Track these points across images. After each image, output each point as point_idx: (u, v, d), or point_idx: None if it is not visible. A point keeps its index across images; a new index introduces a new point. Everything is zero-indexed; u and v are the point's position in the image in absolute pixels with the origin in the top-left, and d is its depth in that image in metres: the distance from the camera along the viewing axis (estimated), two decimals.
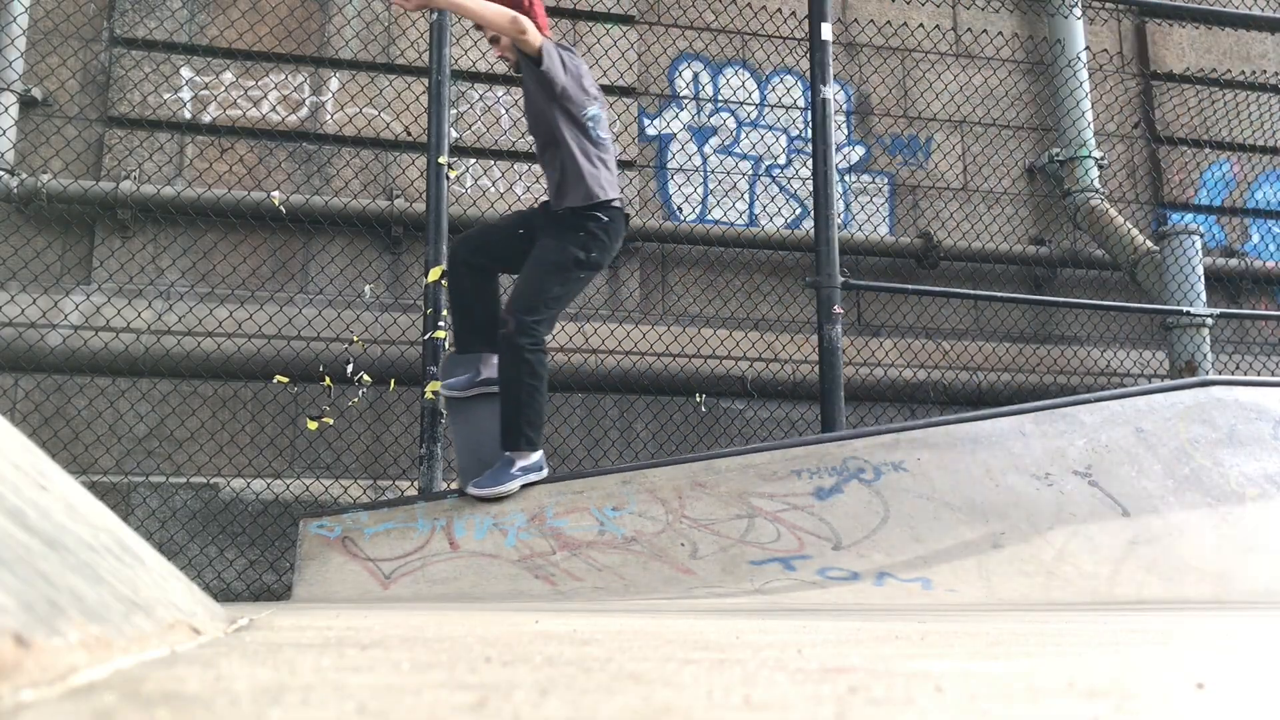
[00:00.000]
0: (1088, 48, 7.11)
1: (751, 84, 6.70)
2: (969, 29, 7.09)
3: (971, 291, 6.23)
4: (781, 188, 6.63)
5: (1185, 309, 6.09)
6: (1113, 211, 6.77)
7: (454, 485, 4.81)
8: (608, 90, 6.32)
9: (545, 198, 4.30)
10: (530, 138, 6.21)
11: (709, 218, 6.46)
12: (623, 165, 6.31)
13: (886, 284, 6.03)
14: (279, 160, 5.83)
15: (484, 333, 4.19)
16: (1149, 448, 4.83)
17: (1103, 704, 0.99)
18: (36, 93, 5.55)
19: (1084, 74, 6.98)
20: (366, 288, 5.83)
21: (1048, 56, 7.11)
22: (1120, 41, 7.42)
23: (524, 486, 4.25)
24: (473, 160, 6.08)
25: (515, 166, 6.14)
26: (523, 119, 6.20)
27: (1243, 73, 7.48)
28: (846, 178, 6.69)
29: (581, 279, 4.11)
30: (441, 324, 4.64)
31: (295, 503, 5.11)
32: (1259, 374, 6.69)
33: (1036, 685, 1.13)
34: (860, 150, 6.79)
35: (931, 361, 6.43)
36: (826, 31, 5.43)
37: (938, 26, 7.03)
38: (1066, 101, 6.96)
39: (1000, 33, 7.08)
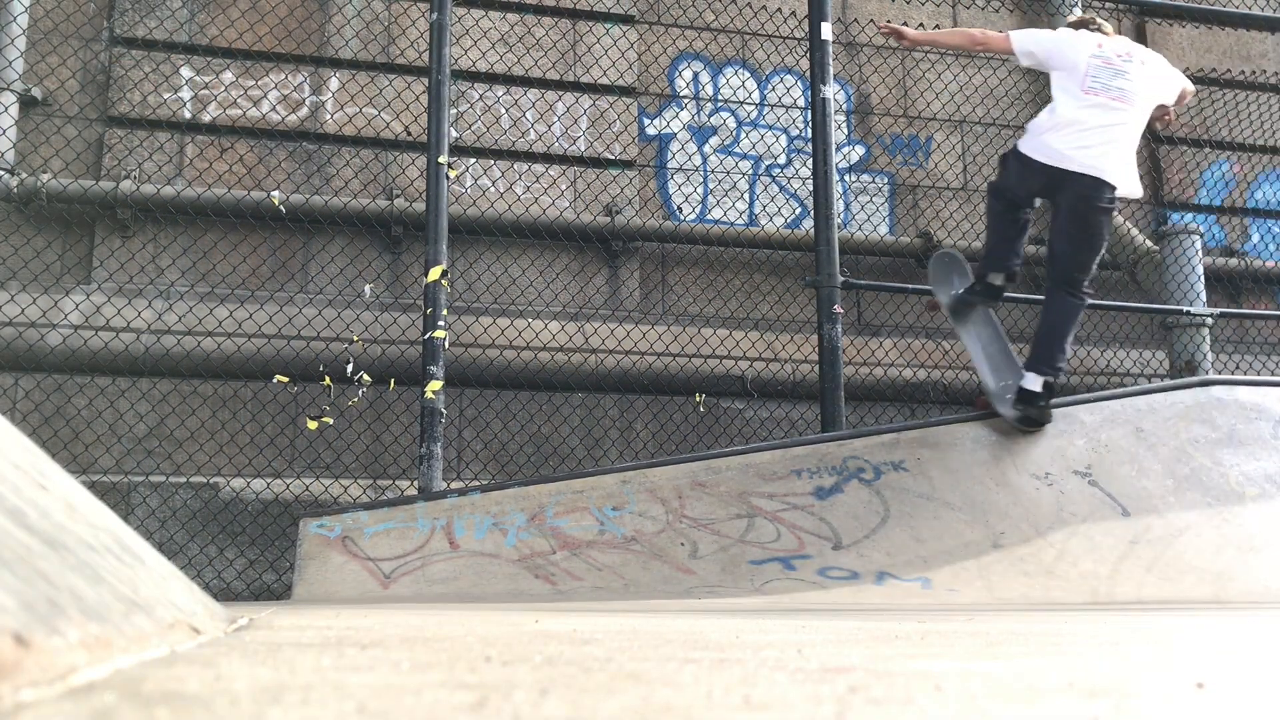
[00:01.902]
0: None
1: (751, 84, 6.70)
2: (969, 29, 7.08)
3: None
4: (781, 188, 6.63)
5: (1185, 309, 6.08)
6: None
7: (454, 485, 4.81)
8: (607, 90, 6.32)
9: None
10: (528, 137, 6.23)
11: (709, 218, 6.46)
12: (623, 165, 6.32)
13: (886, 284, 6.03)
14: (279, 160, 5.83)
15: None
16: (1149, 447, 4.83)
17: (1103, 704, 0.99)
18: (36, 92, 5.55)
19: None
20: (366, 288, 5.83)
21: None
22: None
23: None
24: (473, 160, 6.08)
25: (515, 166, 6.14)
26: (523, 118, 6.20)
27: (1243, 73, 7.48)
28: (846, 177, 6.69)
29: None
30: (441, 324, 4.64)
31: (295, 502, 5.11)
32: (1259, 374, 6.69)
33: (1036, 685, 1.13)
34: (860, 150, 6.79)
35: (931, 361, 6.43)
36: (826, 31, 5.43)
37: (938, 26, 7.03)
38: None
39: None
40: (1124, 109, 4.44)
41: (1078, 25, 4.71)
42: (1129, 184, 4.45)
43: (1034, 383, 4.56)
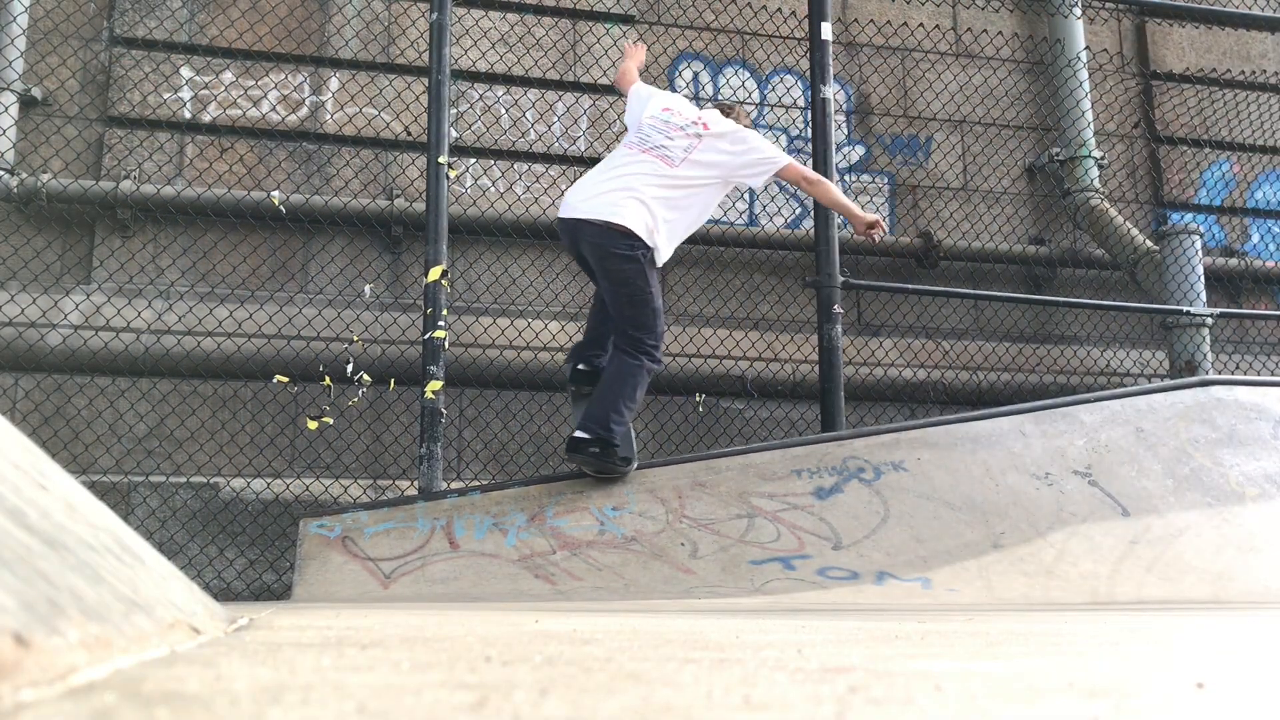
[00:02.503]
0: (1088, 47, 7.11)
1: (751, 84, 6.70)
2: (969, 29, 7.09)
3: (971, 291, 6.22)
4: (782, 188, 6.63)
5: (1185, 309, 6.09)
6: (1113, 211, 6.77)
7: (454, 485, 4.81)
8: (607, 90, 6.32)
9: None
10: (528, 137, 6.23)
11: (709, 218, 6.45)
12: None
13: (886, 284, 6.03)
14: (279, 160, 5.83)
15: None
16: (1149, 447, 4.83)
17: (1103, 704, 0.99)
18: (36, 93, 5.55)
19: (1084, 74, 6.97)
20: (366, 288, 5.83)
21: (1048, 56, 7.11)
22: (1120, 41, 7.42)
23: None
24: (473, 160, 6.08)
25: (515, 166, 6.14)
26: (523, 118, 6.20)
27: (1243, 73, 7.48)
28: (846, 178, 6.68)
29: None
30: (441, 324, 4.64)
31: (295, 503, 5.11)
32: (1259, 374, 6.69)
33: (1036, 685, 1.13)
34: (860, 150, 6.79)
35: (931, 361, 6.42)
36: (826, 31, 5.43)
37: (938, 26, 7.03)
38: (1066, 101, 6.96)
39: (1000, 32, 7.08)
40: (659, 164, 4.20)
41: (721, 108, 4.52)
42: (651, 234, 4.12)
43: (582, 433, 4.19)
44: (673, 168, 4.21)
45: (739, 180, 4.40)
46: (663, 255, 4.22)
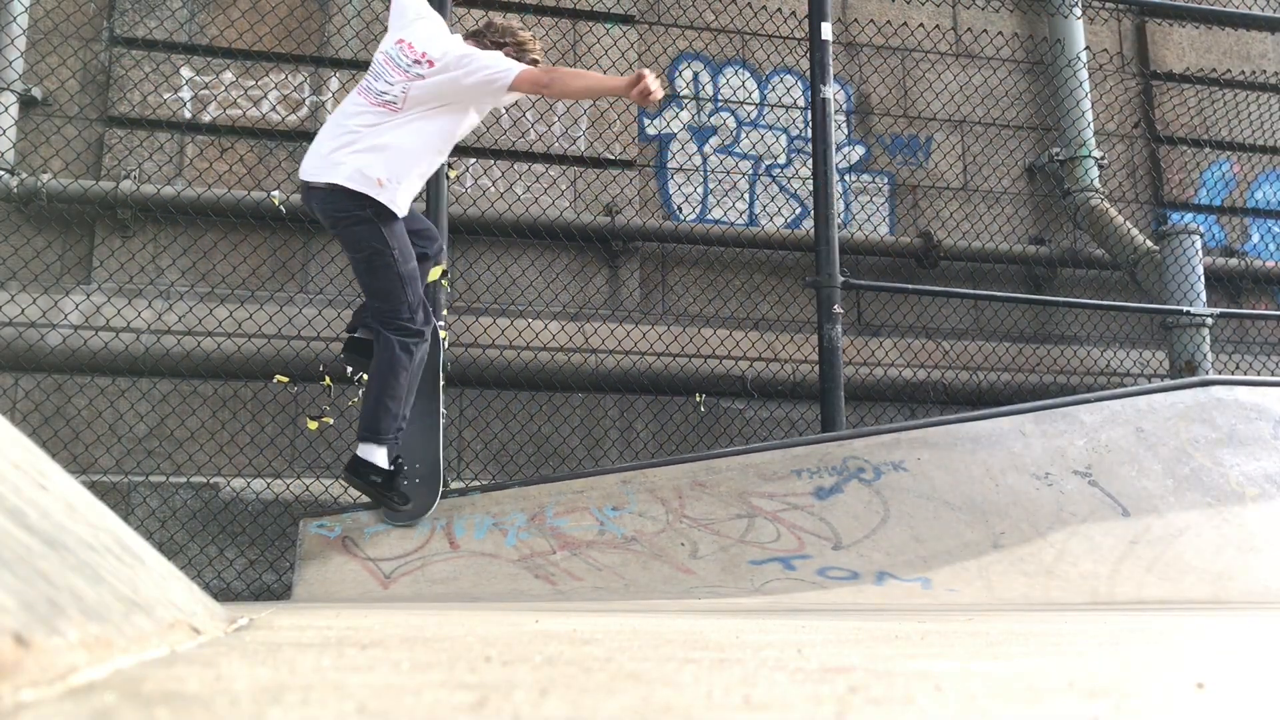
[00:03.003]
0: (1088, 47, 7.11)
1: (751, 84, 6.69)
2: (969, 29, 7.08)
3: (971, 291, 6.23)
4: (781, 188, 6.63)
5: (1185, 309, 6.09)
6: (1113, 211, 6.77)
7: (454, 485, 4.81)
8: None
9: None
10: (528, 137, 6.23)
11: (709, 218, 6.46)
12: (623, 165, 6.31)
13: (886, 284, 6.03)
14: (279, 160, 5.83)
15: None
16: (1149, 447, 4.83)
17: (1103, 704, 0.99)
18: (36, 92, 5.55)
19: (1084, 74, 6.97)
20: None
21: (1048, 56, 7.11)
22: (1120, 41, 7.42)
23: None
24: (473, 160, 6.08)
25: (515, 166, 6.14)
26: (523, 118, 6.20)
27: (1243, 73, 7.48)
28: (846, 177, 6.68)
29: None
30: (441, 324, 4.64)
31: (295, 503, 5.11)
32: (1259, 374, 6.69)
33: (1036, 685, 1.13)
34: (860, 150, 6.79)
35: (931, 361, 6.42)
36: (826, 31, 5.43)
37: (938, 26, 7.03)
38: (1066, 101, 6.96)
39: (1000, 32, 7.08)
40: (383, 113, 3.78)
41: (476, 35, 4.01)
42: (378, 189, 3.68)
43: (366, 451, 3.83)
44: (396, 113, 3.78)
45: (475, 103, 3.85)
46: (400, 206, 3.77)
